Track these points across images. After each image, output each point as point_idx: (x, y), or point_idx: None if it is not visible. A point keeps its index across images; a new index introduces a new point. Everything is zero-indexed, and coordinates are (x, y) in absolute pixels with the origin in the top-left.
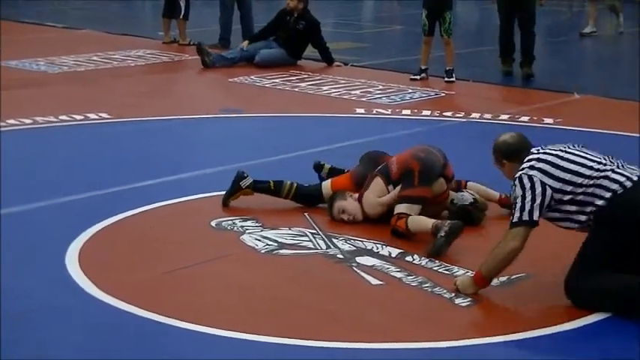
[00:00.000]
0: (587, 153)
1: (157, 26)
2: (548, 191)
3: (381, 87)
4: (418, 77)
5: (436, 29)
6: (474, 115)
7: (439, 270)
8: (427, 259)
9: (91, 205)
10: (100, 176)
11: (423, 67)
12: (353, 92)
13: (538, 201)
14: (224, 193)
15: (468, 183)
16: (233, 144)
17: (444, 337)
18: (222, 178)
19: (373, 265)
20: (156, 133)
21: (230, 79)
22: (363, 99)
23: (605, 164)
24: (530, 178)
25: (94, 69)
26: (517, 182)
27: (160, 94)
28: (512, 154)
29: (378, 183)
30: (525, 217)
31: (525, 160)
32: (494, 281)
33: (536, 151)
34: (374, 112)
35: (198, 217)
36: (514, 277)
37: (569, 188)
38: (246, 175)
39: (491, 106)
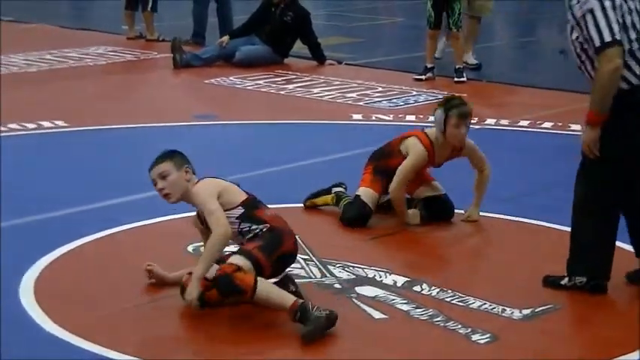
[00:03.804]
0: None
1: (119, 19)
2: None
3: (380, 89)
4: (423, 77)
5: (443, 21)
6: (488, 121)
7: (452, 301)
8: (439, 289)
9: (48, 228)
10: (57, 194)
11: (428, 66)
12: (348, 95)
13: (611, 15)
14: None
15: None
16: (209, 156)
17: None
18: None
19: (376, 296)
20: (120, 144)
21: (206, 81)
22: (361, 103)
23: None
24: None
25: (48, 69)
26: None
27: (124, 98)
28: None
29: None
30: (607, 37)
31: None
32: (517, 313)
33: None
34: (373, 118)
35: (172, 242)
36: (539, 309)
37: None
38: (344, 185)
39: (509, 110)
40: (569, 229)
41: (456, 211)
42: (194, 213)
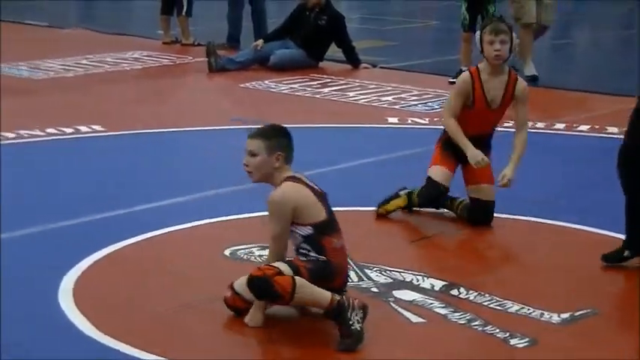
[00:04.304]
0: None
1: (155, 24)
2: None
3: (415, 92)
4: None
5: (478, 24)
6: None
7: (490, 305)
8: (476, 293)
9: (87, 232)
10: (95, 198)
11: (463, 69)
12: (384, 99)
13: None
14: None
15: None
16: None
17: None
18: (234, 200)
19: (413, 300)
20: (157, 148)
21: (241, 85)
22: (396, 106)
23: None
24: None
25: (84, 74)
26: None
27: (160, 102)
28: None
29: None
30: None
31: None
32: (555, 317)
33: None
34: (409, 121)
35: (209, 245)
36: (578, 313)
37: None
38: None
39: (545, 113)
40: (606, 231)
41: (495, 215)
42: (228, 217)
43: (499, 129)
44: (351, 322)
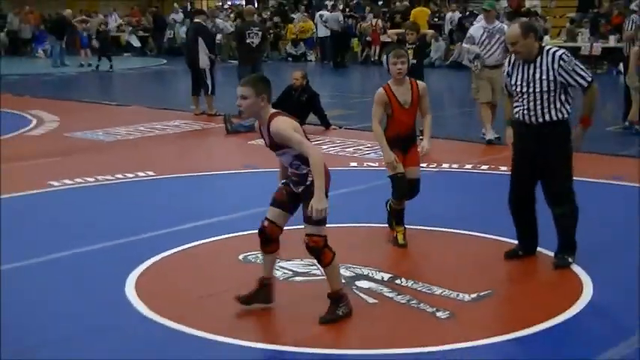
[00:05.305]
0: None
1: (189, 101)
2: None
3: (369, 145)
4: None
5: None
6: (444, 165)
7: (422, 290)
8: (413, 281)
9: (144, 245)
10: (149, 221)
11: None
12: (347, 150)
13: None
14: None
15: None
16: (254, 193)
17: (428, 343)
18: (245, 221)
19: (369, 288)
20: (192, 186)
21: (249, 142)
22: (356, 155)
23: None
24: (569, 54)
25: (141, 137)
26: (566, 58)
27: (193, 155)
28: (538, 36)
29: None
30: (589, 77)
31: (549, 47)
32: (467, 297)
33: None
34: (365, 165)
35: (228, 253)
36: (482, 293)
37: None
38: None
39: (457, 158)
40: (500, 237)
41: (425, 228)
42: (239, 233)
43: (436, 169)
44: (339, 307)
